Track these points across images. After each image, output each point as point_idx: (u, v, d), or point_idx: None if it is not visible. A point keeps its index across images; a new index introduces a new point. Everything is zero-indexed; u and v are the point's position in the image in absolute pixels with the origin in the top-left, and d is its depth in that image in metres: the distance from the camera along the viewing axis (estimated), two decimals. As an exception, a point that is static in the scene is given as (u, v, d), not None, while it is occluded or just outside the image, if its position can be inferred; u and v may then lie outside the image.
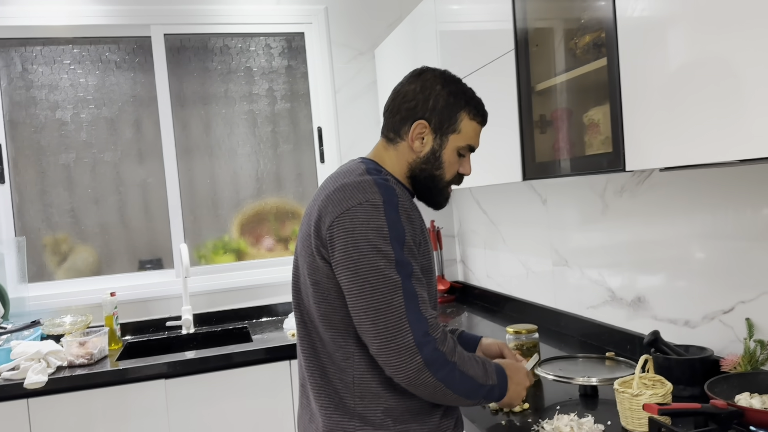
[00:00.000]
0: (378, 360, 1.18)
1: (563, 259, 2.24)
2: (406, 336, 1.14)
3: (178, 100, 3.04)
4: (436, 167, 1.33)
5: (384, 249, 1.16)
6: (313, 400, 1.31)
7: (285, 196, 3.20)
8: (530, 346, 1.75)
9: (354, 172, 1.28)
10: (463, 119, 1.32)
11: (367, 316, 1.16)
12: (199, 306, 2.96)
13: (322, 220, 1.22)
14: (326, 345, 1.26)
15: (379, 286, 1.15)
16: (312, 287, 1.25)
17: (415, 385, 1.17)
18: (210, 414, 2.36)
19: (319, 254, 1.22)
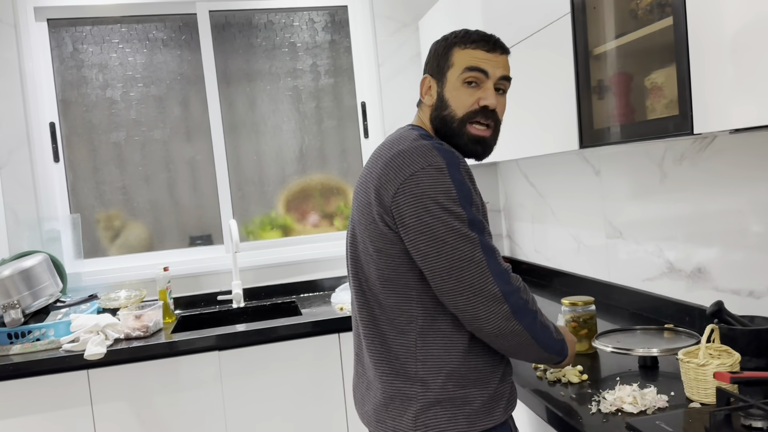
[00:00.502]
0: (463, 316, 1.21)
1: (617, 232, 2.19)
2: (492, 287, 1.19)
3: (224, 78, 3.05)
4: (443, 108, 1.34)
5: (455, 210, 1.19)
6: (371, 368, 1.32)
7: (329, 172, 3.20)
8: (587, 318, 1.72)
9: (407, 139, 1.28)
10: (455, 53, 1.33)
11: (450, 275, 1.18)
12: (248, 281, 3.01)
13: (384, 188, 1.22)
14: (387, 311, 1.27)
15: (459, 245, 1.18)
16: (375, 254, 1.26)
17: (503, 335, 1.21)
18: (262, 385, 2.40)
19: (383, 222, 1.23)
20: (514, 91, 2.13)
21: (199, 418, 2.35)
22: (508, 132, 2.22)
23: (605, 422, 1.26)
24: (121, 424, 2.30)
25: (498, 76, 1.32)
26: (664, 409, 1.30)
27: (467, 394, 1.25)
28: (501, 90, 1.35)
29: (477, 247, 1.19)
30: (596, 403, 1.36)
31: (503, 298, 1.19)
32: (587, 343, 1.71)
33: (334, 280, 3.07)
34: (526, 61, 2.04)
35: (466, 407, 1.24)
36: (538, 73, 1.95)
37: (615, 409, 1.31)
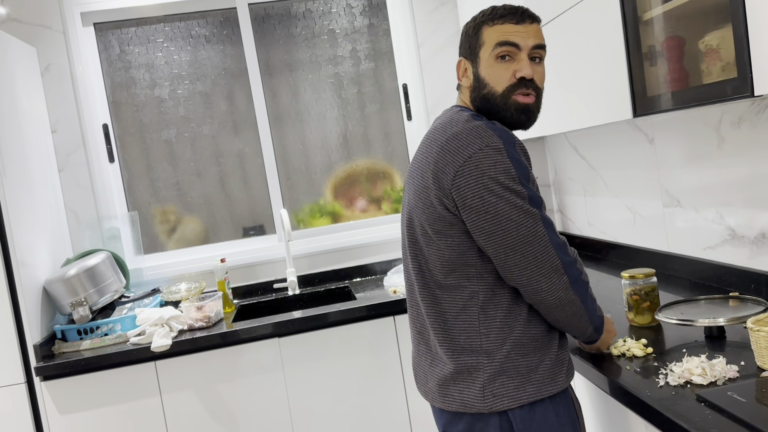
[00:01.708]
0: (526, 289, 1.26)
1: (675, 200, 2.13)
2: (554, 259, 1.25)
3: (266, 69, 3.09)
4: (482, 87, 1.34)
5: (515, 188, 1.22)
6: (436, 345, 1.35)
7: (374, 156, 3.21)
8: (648, 290, 1.69)
9: (459, 121, 1.30)
10: (485, 31, 1.33)
11: (514, 250, 1.23)
12: (301, 268, 3.06)
13: (443, 171, 1.25)
14: (448, 290, 1.31)
15: (522, 221, 1.22)
16: (434, 237, 1.29)
17: (561, 305, 1.27)
18: (321, 369, 2.45)
19: (442, 205, 1.26)
20: (560, 62, 2.09)
21: (264, 403, 2.42)
22: (556, 105, 2.18)
23: (674, 395, 1.25)
24: (190, 412, 2.39)
25: (530, 46, 1.32)
26: (734, 380, 1.27)
27: (530, 362, 1.29)
28: (537, 59, 1.35)
29: (539, 222, 1.24)
30: (663, 375, 1.34)
31: (563, 270, 1.25)
32: (650, 315, 1.69)
33: (386, 264, 3.09)
34: (570, 31, 1.99)
35: (530, 374, 1.29)
36: (585, 43, 1.91)
37: (683, 381, 1.29)
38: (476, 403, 1.29)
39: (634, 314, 1.70)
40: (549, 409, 1.30)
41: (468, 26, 1.38)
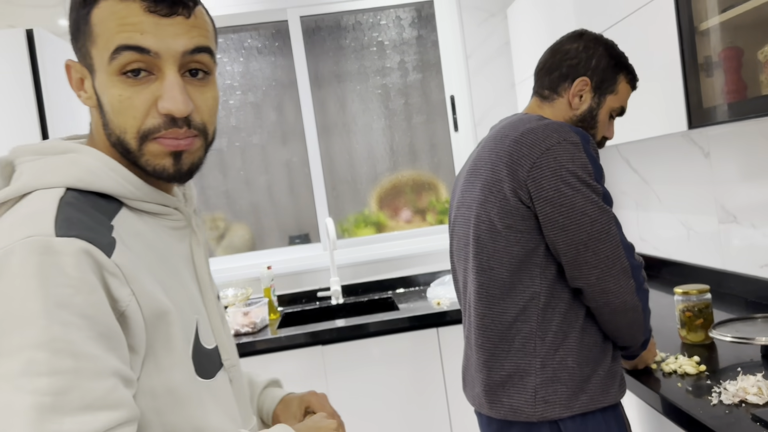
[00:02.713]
0: (592, 290, 1.23)
1: (731, 216, 2.06)
2: (623, 261, 1.23)
3: (315, 80, 3.14)
4: (591, 126, 1.39)
5: (592, 184, 1.22)
6: (489, 348, 1.33)
7: (420, 167, 3.21)
8: (702, 307, 1.64)
9: (531, 120, 1.31)
10: (621, 81, 1.38)
11: (587, 247, 1.22)
12: (345, 277, 3.07)
13: (518, 163, 1.25)
14: (509, 289, 1.29)
15: (598, 218, 1.22)
16: (504, 231, 1.27)
17: (626, 310, 1.24)
18: (363, 377, 2.45)
19: (516, 197, 1.25)
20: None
21: (306, 411, 2.43)
22: (607, 117, 2.14)
23: (728, 413, 1.20)
24: (234, 416, 2.42)
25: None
26: (794, 402, 1.22)
27: (584, 371, 1.27)
28: None
29: (612, 221, 1.23)
30: (717, 394, 1.30)
31: (630, 273, 1.23)
32: (703, 333, 1.63)
33: (429, 276, 3.08)
34: (624, 41, 1.96)
35: (584, 384, 1.26)
36: (639, 54, 1.87)
37: (738, 400, 1.25)
38: (526, 410, 1.27)
39: (686, 331, 1.65)
40: (601, 423, 1.27)
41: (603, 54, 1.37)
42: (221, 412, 0.82)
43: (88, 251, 0.68)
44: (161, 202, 0.82)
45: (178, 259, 0.83)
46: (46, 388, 0.63)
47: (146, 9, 0.73)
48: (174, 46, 0.75)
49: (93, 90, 0.79)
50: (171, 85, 0.75)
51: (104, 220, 0.74)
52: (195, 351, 0.80)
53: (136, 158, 0.78)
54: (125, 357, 0.71)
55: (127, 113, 0.75)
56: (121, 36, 0.73)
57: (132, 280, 0.71)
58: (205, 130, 0.82)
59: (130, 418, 0.68)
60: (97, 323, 0.68)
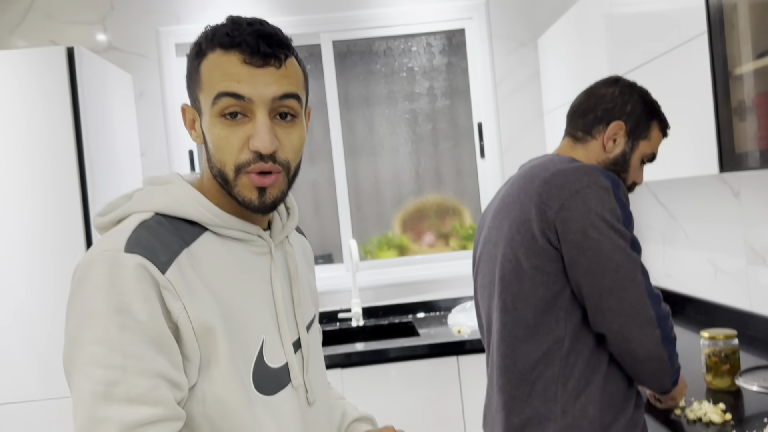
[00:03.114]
0: (615, 337, 1.22)
1: (760, 258, 2.04)
2: (649, 310, 1.20)
3: (345, 103, 3.17)
4: (623, 170, 1.40)
5: (621, 229, 1.22)
6: (510, 390, 1.33)
7: (445, 192, 3.22)
8: (729, 353, 1.62)
9: (563, 161, 1.32)
10: (654, 128, 1.40)
11: (611, 294, 1.20)
12: (366, 299, 3.08)
13: (547, 204, 1.25)
14: (533, 331, 1.28)
15: (623, 264, 1.20)
16: (531, 271, 1.27)
17: (648, 360, 1.22)
18: (382, 403, 2.45)
19: (544, 237, 1.25)
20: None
21: (323, 434, 2.44)
22: (636, 153, 2.13)
23: (755, 469, 1.18)
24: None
25: None
26: (823, 459, 1.19)
27: (604, 419, 1.25)
28: None
29: (638, 268, 1.21)
30: (743, 447, 1.28)
31: (657, 323, 1.21)
32: (729, 379, 1.61)
33: (450, 301, 3.08)
34: (653, 82, 1.96)
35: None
36: (670, 94, 1.87)
37: (765, 455, 1.23)
38: None
39: (712, 376, 1.63)
40: None
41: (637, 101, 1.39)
42: (277, 427, 0.90)
43: (145, 266, 0.80)
44: (242, 229, 0.92)
45: (257, 281, 0.93)
46: (100, 377, 0.77)
47: (243, 61, 0.86)
48: (265, 93, 0.86)
49: (201, 130, 0.92)
50: (260, 126, 0.86)
51: (178, 241, 0.86)
52: (257, 367, 0.89)
53: (231, 188, 0.90)
54: (176, 362, 0.82)
55: (226, 149, 0.88)
56: (222, 84, 0.86)
57: (184, 295, 0.82)
58: (289, 166, 0.91)
59: (168, 417, 0.79)
60: (148, 329, 0.79)
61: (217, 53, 0.87)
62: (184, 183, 0.92)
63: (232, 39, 0.86)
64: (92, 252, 0.83)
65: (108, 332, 0.78)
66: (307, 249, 1.16)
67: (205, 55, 0.89)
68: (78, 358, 0.79)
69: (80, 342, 0.79)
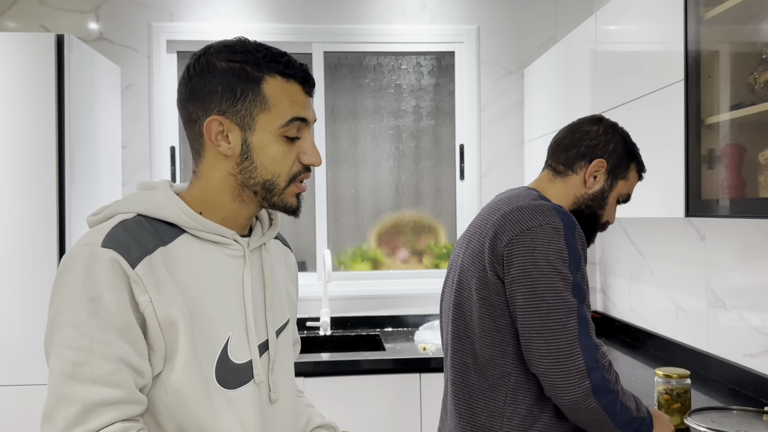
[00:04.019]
0: (543, 380, 1.21)
1: (720, 301, 2.10)
2: (578, 360, 1.18)
3: (331, 114, 3.20)
4: (600, 206, 1.43)
5: (563, 271, 1.21)
6: (456, 417, 1.34)
7: (423, 210, 3.26)
8: (681, 392, 1.66)
9: (527, 197, 1.34)
10: (632, 170, 1.44)
11: (539, 335, 1.20)
12: (335, 310, 3.10)
13: (499, 237, 1.27)
14: (481, 363, 1.30)
15: (556, 307, 1.20)
16: (478, 302, 1.29)
17: (578, 410, 1.19)
18: (342, 414, 2.46)
19: (493, 270, 1.27)
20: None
21: (280, 441, 2.44)
22: (609, 189, 2.19)
23: (694, 508, 1.22)
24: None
25: None
26: (759, 502, 1.24)
27: None
28: None
29: (573, 315, 1.19)
30: (685, 485, 1.31)
31: (586, 374, 1.18)
32: (679, 418, 1.65)
33: (419, 318, 3.10)
34: (631, 122, 2.02)
35: None
36: (645, 135, 1.93)
37: (706, 495, 1.26)
38: None
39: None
40: None
41: (620, 142, 1.42)
42: (235, 420, 0.97)
43: (118, 260, 0.89)
44: (217, 232, 1.00)
45: (229, 282, 1.01)
46: (69, 358, 0.86)
47: (304, 91, 1.01)
48: (312, 117, 1.03)
49: (240, 143, 0.99)
50: (312, 144, 1.03)
51: (154, 240, 0.94)
52: (220, 361, 0.97)
53: (274, 195, 1.01)
54: (141, 351, 0.90)
55: (284, 163, 1.00)
56: (294, 110, 0.99)
57: (151, 289, 0.90)
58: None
59: (128, 400, 0.87)
60: (116, 317, 0.88)
61: (278, 80, 0.98)
62: (168, 189, 1.00)
63: (294, 71, 0.99)
64: (76, 245, 0.92)
65: (80, 318, 0.87)
66: (291, 262, 1.22)
67: (263, 79, 0.98)
68: (54, 339, 0.88)
69: (57, 325, 0.88)
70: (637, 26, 1.98)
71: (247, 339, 1.00)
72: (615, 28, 2.15)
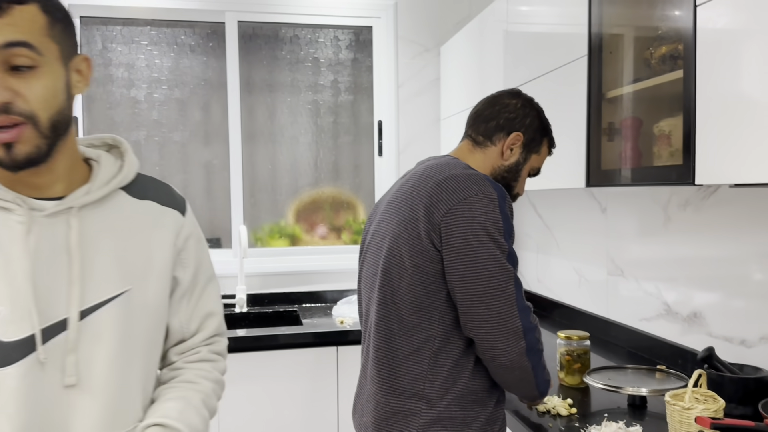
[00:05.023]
0: (482, 343, 1.26)
1: (619, 269, 2.22)
2: (516, 322, 1.25)
3: (246, 86, 3.13)
4: (514, 178, 1.47)
5: (499, 240, 1.26)
6: (379, 381, 1.36)
7: (341, 186, 3.25)
8: (581, 353, 1.76)
9: (458, 166, 1.36)
10: (545, 144, 1.49)
11: (481, 301, 1.24)
12: (253, 287, 3.05)
13: (436, 206, 1.29)
14: (407, 327, 1.32)
15: (496, 274, 1.25)
16: (411, 269, 1.30)
17: (512, 369, 1.27)
18: (258, 391, 2.44)
19: (429, 239, 1.28)
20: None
21: (194, 418, 2.39)
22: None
23: (589, 457, 1.30)
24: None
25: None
26: (647, 449, 1.33)
27: (467, 415, 1.30)
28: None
29: (511, 280, 1.26)
30: (582, 437, 1.39)
31: (523, 334, 1.25)
32: (579, 377, 1.75)
33: (337, 293, 3.11)
34: (541, 96, 2.09)
35: (465, 427, 1.30)
36: (552, 110, 2.00)
37: (600, 444, 1.34)
38: None
39: (564, 374, 1.76)
40: None
41: (536, 116, 1.45)
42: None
43: None
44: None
45: (11, 252, 0.90)
46: None
47: None
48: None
49: None
50: None
51: None
52: None
53: None
54: None
55: None
56: None
57: None
58: (35, 118, 0.87)
59: None
60: None
61: None
62: None
63: None
64: None
65: None
66: (168, 224, 1.06)
67: None
68: None
69: None
70: (546, 7, 2.05)
71: (29, 315, 0.90)
72: (525, 9, 2.21)
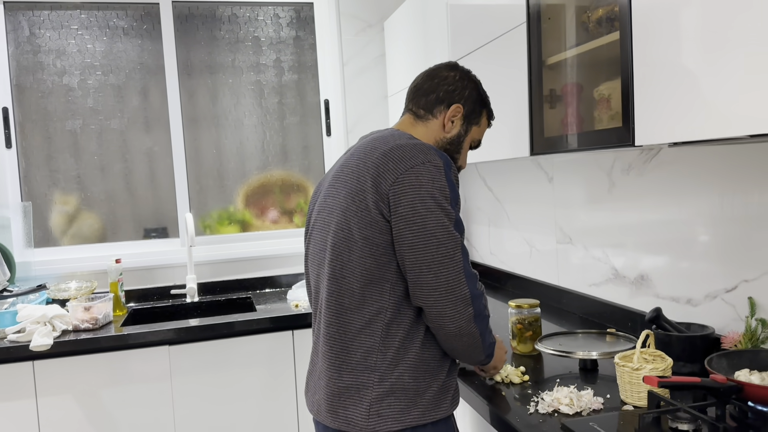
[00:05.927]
0: (430, 311, 1.27)
1: (567, 237, 2.24)
2: (463, 289, 1.26)
3: (185, 69, 3.02)
4: (456, 150, 1.48)
5: (447, 208, 1.26)
6: (331, 357, 1.34)
7: (291, 168, 3.20)
8: (532, 320, 1.76)
9: (403, 137, 1.36)
10: (483, 116, 1.51)
11: (429, 268, 1.25)
12: (203, 275, 2.98)
13: (383, 176, 1.28)
14: (358, 300, 1.30)
15: (444, 242, 1.25)
16: (361, 242, 1.28)
17: (461, 336, 1.28)
18: (213, 380, 2.39)
19: (377, 209, 1.27)
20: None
21: (147, 413, 2.33)
22: (466, 136, 2.25)
23: (541, 422, 1.30)
24: (66, 417, 2.26)
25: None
26: (599, 411, 1.34)
27: (419, 385, 1.30)
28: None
29: (458, 247, 1.26)
30: (535, 403, 1.40)
31: (470, 301, 1.27)
32: (531, 344, 1.76)
33: (291, 277, 3.07)
34: (483, 67, 2.07)
35: (417, 398, 1.29)
36: (495, 80, 1.99)
37: (552, 410, 1.35)
38: (360, 422, 1.29)
39: (517, 342, 1.77)
40: None
41: (474, 88, 1.47)
42: None
43: None
44: None
45: None
46: None
47: None
48: None
49: None
50: None
51: None
52: None
53: None
54: None
55: None
56: None
57: None
58: None
59: None
60: None
61: None
62: None
63: None
64: None
65: None
66: None
67: None
68: None
69: None
70: (485, -27, 2.02)
71: None
72: (466, -23, 2.18)
